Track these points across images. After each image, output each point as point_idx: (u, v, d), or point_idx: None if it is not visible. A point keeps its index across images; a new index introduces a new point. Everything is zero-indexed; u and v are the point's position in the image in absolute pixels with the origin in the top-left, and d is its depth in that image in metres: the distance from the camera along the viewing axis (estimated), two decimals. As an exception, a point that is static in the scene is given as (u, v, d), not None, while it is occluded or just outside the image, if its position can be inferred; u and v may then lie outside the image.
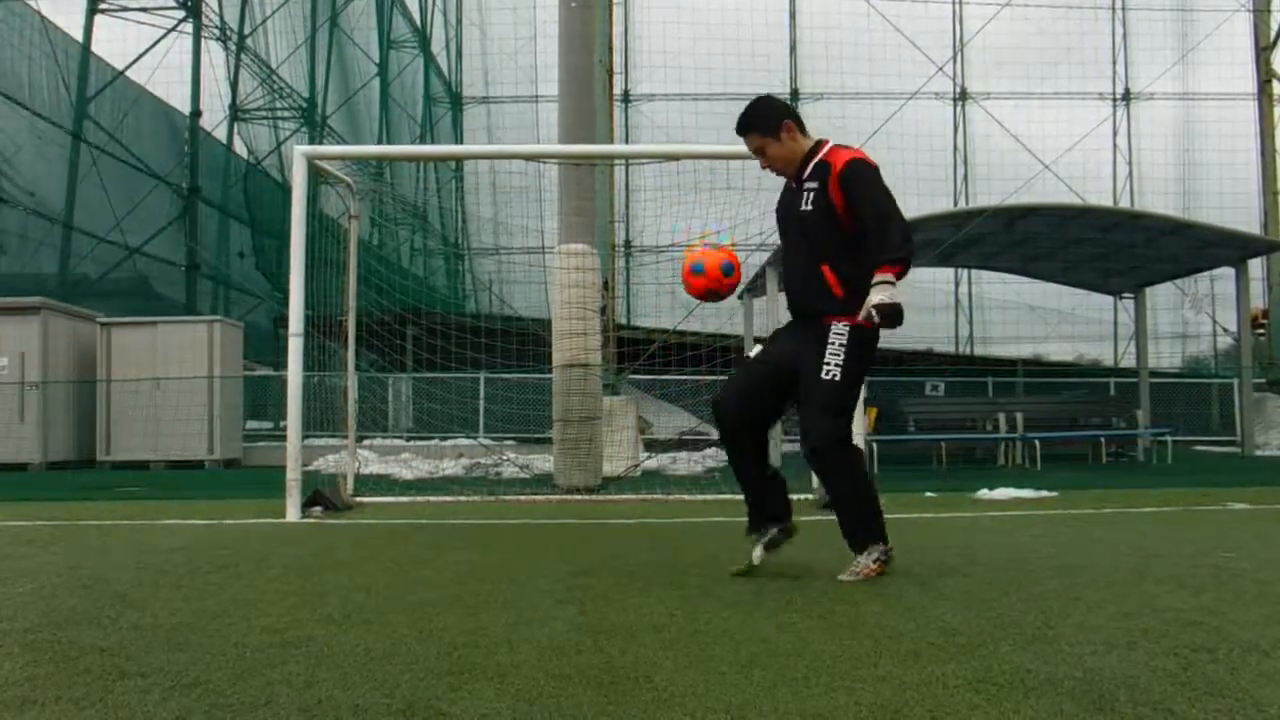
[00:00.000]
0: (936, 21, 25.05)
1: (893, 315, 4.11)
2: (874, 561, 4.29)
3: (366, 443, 15.70)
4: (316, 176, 8.72)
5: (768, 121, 4.51)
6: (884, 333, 4.33)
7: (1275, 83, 19.41)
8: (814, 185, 4.37)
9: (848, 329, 4.27)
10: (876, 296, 4.11)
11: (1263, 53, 19.27)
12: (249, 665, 2.83)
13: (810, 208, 4.36)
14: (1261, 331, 23.01)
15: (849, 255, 4.31)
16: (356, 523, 7.25)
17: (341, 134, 24.50)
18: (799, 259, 4.47)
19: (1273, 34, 19.29)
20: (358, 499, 8.69)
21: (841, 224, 4.33)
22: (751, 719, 2.30)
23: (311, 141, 21.50)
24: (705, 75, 25.08)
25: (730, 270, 4.76)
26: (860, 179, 4.30)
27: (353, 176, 9.56)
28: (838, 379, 4.26)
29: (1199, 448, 19.13)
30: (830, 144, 4.49)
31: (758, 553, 4.48)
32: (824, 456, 4.35)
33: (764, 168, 4.63)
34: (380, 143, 24.54)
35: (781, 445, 13.85)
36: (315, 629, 3.32)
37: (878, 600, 3.77)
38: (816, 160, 4.42)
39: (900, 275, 4.18)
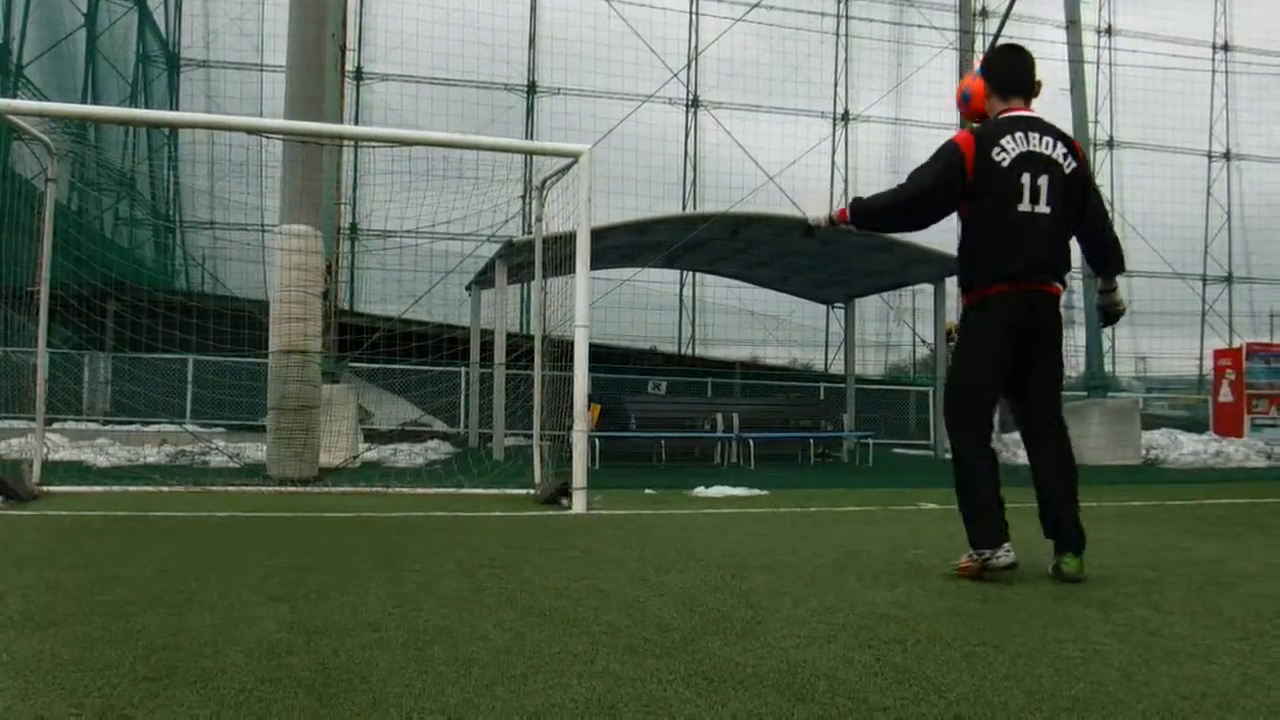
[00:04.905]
0: (673, 29, 25.72)
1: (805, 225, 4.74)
2: (966, 557, 4.34)
3: (56, 426, 14.51)
4: (9, 133, 8.00)
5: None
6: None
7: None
8: None
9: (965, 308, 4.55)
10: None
11: (964, 88, 21.04)
12: (-96, 674, 2.56)
13: None
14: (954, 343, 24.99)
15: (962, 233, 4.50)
16: (43, 514, 6.70)
17: (39, 87, 22.51)
18: None
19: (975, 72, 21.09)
20: (45, 488, 8.04)
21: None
22: (469, 719, 2.30)
23: (4, 93, 19.62)
24: (443, 61, 24.70)
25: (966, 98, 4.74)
26: None
27: (51, 136, 8.82)
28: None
29: (897, 450, 20.62)
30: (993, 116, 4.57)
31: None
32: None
33: None
34: (85, 100, 22.71)
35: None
36: (-11, 632, 3.04)
37: (596, 597, 3.83)
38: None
39: (843, 217, 4.60)
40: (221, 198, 24.96)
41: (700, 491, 9.24)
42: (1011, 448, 18.40)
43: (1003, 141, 4.36)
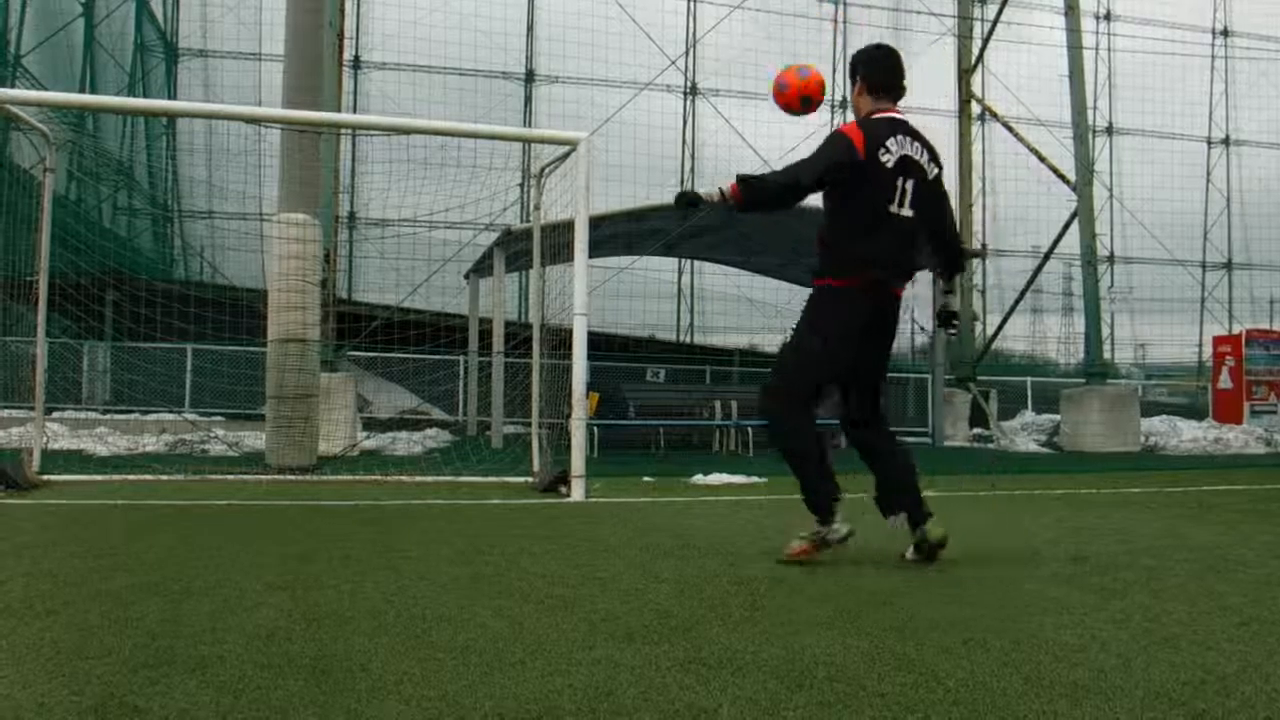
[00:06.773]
0: (671, 16, 25.65)
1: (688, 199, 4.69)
2: (799, 539, 4.41)
3: (56, 415, 14.51)
4: (7, 122, 7.98)
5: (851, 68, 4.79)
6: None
7: (974, 103, 21.12)
8: None
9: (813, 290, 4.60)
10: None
11: (964, 75, 20.94)
12: (-98, 663, 2.56)
13: None
14: (953, 332, 24.97)
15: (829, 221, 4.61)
16: (42, 503, 6.70)
17: (38, 77, 22.45)
18: None
19: (973, 58, 20.99)
20: (44, 477, 8.04)
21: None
22: (467, 705, 2.28)
23: (2, 83, 19.56)
24: (440, 49, 24.60)
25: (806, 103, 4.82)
26: None
27: (49, 125, 8.79)
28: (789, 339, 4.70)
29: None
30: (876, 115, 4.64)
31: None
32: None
33: None
34: (83, 90, 22.67)
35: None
36: (-13, 620, 3.04)
37: (594, 584, 3.83)
38: None
39: (736, 193, 4.49)
40: (219, 187, 24.90)
41: (698, 479, 9.23)
42: (1009, 434, 18.41)
43: (888, 143, 4.51)
